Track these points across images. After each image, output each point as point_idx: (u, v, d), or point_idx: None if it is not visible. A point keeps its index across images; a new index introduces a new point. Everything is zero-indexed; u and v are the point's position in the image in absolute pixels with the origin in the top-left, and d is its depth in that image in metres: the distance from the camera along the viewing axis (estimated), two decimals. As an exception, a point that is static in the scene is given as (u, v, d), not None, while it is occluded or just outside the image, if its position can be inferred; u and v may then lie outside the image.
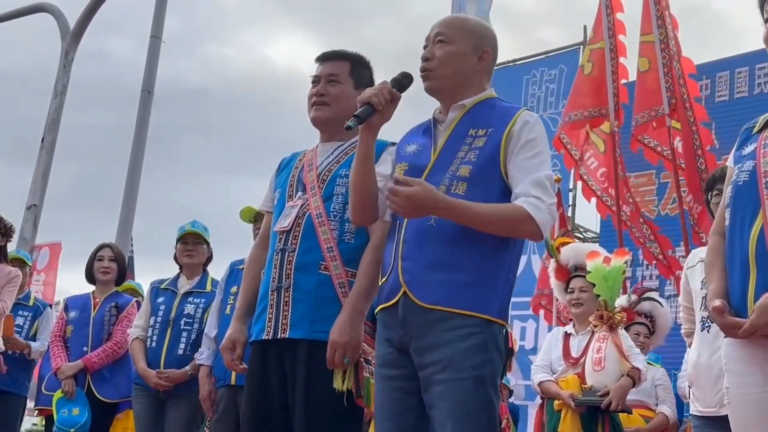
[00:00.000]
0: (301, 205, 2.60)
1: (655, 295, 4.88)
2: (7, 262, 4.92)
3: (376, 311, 2.33)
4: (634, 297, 4.62)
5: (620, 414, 4.01)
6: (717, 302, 1.93)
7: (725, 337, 2.04)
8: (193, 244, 4.43)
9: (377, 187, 2.32)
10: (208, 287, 4.33)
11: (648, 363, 4.41)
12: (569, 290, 4.31)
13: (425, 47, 2.37)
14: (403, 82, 2.30)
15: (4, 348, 4.80)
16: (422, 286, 2.17)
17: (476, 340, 2.12)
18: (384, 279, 2.28)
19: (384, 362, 2.26)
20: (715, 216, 2.18)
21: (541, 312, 7.13)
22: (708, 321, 3.13)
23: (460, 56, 2.32)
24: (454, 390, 2.09)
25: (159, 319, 4.30)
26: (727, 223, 2.03)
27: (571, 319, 4.46)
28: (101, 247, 4.97)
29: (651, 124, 6.03)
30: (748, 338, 1.92)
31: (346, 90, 2.69)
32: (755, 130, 2.09)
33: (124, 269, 5.04)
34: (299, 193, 2.64)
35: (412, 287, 2.18)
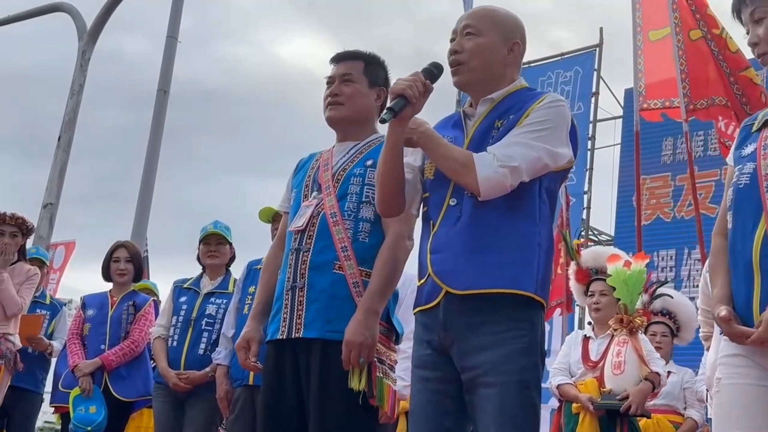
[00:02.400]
0: (316, 205, 2.59)
1: (667, 288, 4.71)
2: (26, 260, 4.94)
3: (414, 312, 2.30)
4: (646, 297, 4.56)
5: (647, 420, 3.99)
6: (723, 311, 1.90)
7: (721, 334, 2.00)
8: (215, 245, 4.43)
9: (405, 178, 2.28)
10: (231, 288, 4.30)
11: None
12: (589, 294, 4.29)
13: (452, 40, 2.31)
14: (434, 72, 2.23)
15: (21, 345, 4.81)
16: (454, 273, 2.14)
17: (521, 344, 2.09)
18: (423, 281, 2.24)
19: (421, 363, 2.22)
20: (718, 216, 2.14)
21: (554, 315, 7.12)
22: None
23: (490, 48, 2.26)
24: (499, 393, 2.05)
25: (180, 318, 4.29)
26: (729, 226, 2.00)
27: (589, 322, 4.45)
28: (117, 247, 4.94)
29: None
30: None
31: (359, 89, 2.68)
32: (754, 128, 2.04)
33: (140, 268, 5.03)
34: (314, 193, 2.64)
35: (443, 278, 2.15)
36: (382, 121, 2.17)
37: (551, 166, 2.16)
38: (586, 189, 10.62)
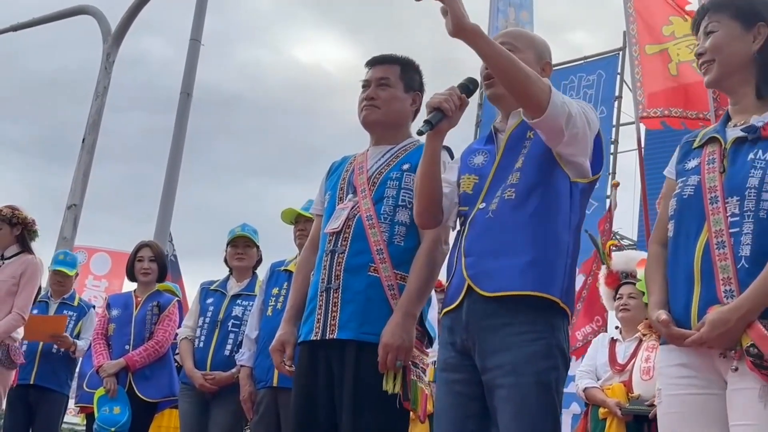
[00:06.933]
0: (352, 207, 2.61)
1: None
2: (30, 252, 4.63)
3: (440, 315, 2.32)
4: None
5: None
6: (663, 314, 1.96)
7: (661, 344, 2.07)
8: (243, 248, 4.44)
9: (442, 191, 2.32)
10: (257, 290, 4.29)
11: None
12: (618, 296, 4.25)
13: None
14: (469, 87, 2.30)
15: (21, 338, 4.53)
16: (486, 276, 2.15)
17: (541, 346, 2.10)
18: (448, 283, 2.27)
19: (446, 366, 2.25)
20: (655, 225, 2.20)
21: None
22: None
23: (527, 64, 2.29)
24: (518, 395, 2.06)
25: (207, 319, 4.30)
26: (670, 234, 2.05)
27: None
28: (141, 246, 4.95)
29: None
30: (690, 348, 1.94)
31: (395, 93, 2.71)
32: (695, 144, 2.11)
33: (164, 267, 5.01)
34: (349, 196, 2.66)
35: (476, 280, 2.16)
36: (420, 133, 2.22)
37: (586, 135, 2.17)
38: (608, 193, 10.54)
